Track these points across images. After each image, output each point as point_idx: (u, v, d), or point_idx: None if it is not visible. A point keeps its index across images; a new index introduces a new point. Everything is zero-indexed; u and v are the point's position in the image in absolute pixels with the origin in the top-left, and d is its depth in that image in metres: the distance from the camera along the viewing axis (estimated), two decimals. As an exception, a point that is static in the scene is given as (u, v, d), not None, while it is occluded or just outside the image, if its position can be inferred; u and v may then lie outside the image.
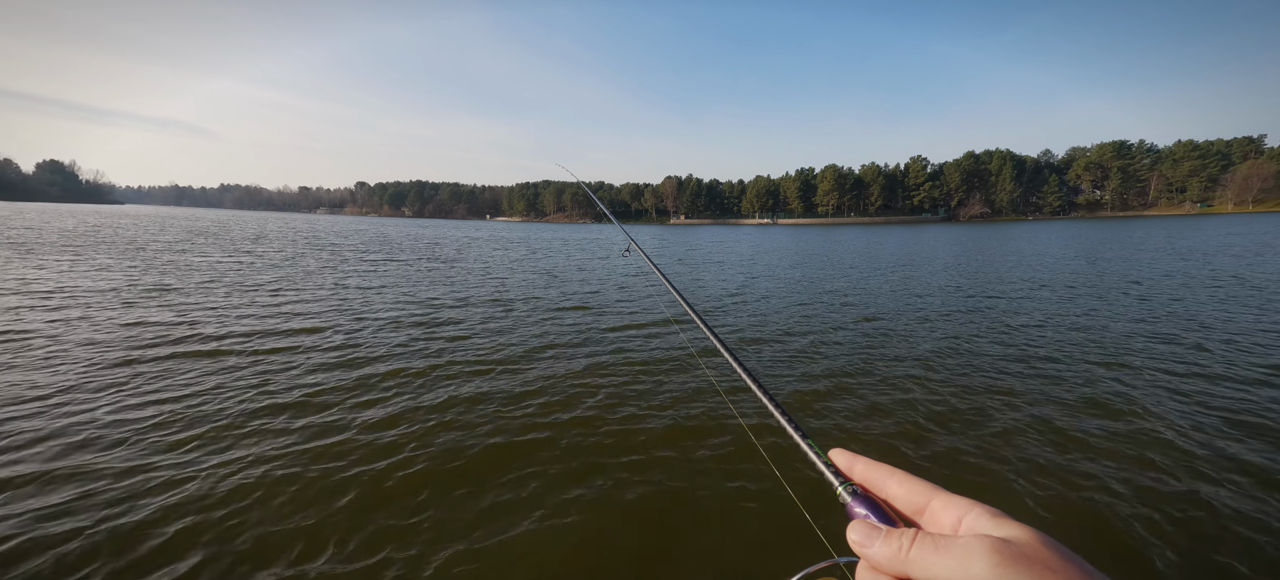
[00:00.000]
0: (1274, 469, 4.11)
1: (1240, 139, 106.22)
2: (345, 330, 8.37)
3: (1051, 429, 4.84)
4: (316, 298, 11.41)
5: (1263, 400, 5.53)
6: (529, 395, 5.59)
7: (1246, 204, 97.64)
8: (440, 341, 7.79)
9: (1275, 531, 3.38)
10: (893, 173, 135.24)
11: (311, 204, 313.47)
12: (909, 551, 0.45)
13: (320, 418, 4.93)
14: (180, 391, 5.44)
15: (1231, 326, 8.88)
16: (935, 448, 4.53)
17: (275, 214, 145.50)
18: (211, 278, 13.72)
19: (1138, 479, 4.06)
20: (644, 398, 5.53)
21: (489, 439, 4.55)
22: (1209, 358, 7.11)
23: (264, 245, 25.56)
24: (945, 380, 6.20)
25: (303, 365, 6.49)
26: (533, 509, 3.55)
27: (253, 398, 5.34)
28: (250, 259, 18.75)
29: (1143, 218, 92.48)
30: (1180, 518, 3.67)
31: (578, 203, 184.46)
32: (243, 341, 7.46)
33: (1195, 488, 3.95)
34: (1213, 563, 3.15)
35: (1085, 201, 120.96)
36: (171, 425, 4.68)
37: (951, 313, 10.65)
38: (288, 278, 14.09)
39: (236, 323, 8.63)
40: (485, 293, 12.82)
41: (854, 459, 0.58)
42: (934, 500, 0.50)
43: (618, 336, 8.32)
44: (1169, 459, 4.34)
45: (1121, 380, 6.22)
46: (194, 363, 6.41)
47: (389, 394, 5.57)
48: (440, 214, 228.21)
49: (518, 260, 22.49)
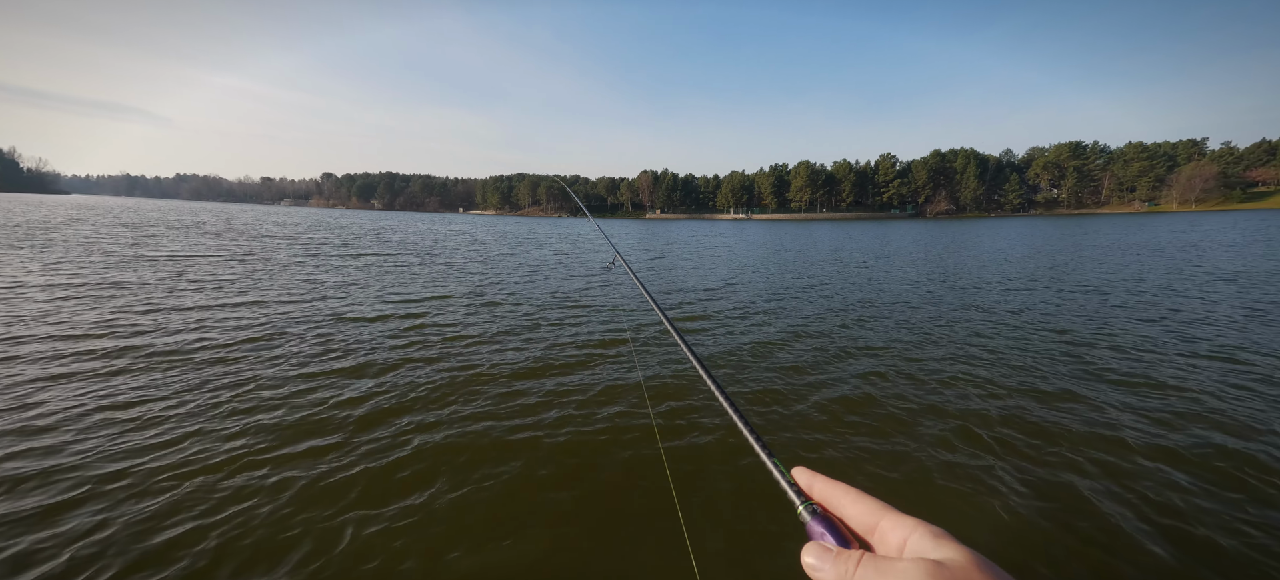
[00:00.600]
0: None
1: (1185, 142, 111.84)
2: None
3: (1028, 421, 4.84)
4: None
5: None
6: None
7: (1190, 203, 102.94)
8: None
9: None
10: (863, 169, 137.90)
11: (275, 195, 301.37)
12: (854, 574, 0.46)
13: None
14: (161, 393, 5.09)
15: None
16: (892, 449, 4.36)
17: (238, 206, 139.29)
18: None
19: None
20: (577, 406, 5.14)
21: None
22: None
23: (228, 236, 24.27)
24: (911, 377, 6.07)
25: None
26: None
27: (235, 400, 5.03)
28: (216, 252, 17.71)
29: (1096, 215, 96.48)
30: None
31: (553, 196, 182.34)
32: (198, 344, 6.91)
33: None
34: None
35: (1043, 200, 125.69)
36: (152, 424, 4.37)
37: (924, 307, 10.72)
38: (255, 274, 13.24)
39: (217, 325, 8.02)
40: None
41: (814, 478, 0.59)
42: (883, 519, 0.51)
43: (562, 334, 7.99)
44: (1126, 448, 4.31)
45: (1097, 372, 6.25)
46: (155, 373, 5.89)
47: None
48: (411, 207, 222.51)
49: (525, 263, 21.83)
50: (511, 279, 14.02)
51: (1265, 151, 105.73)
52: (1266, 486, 3.69)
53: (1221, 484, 3.73)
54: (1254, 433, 4.50)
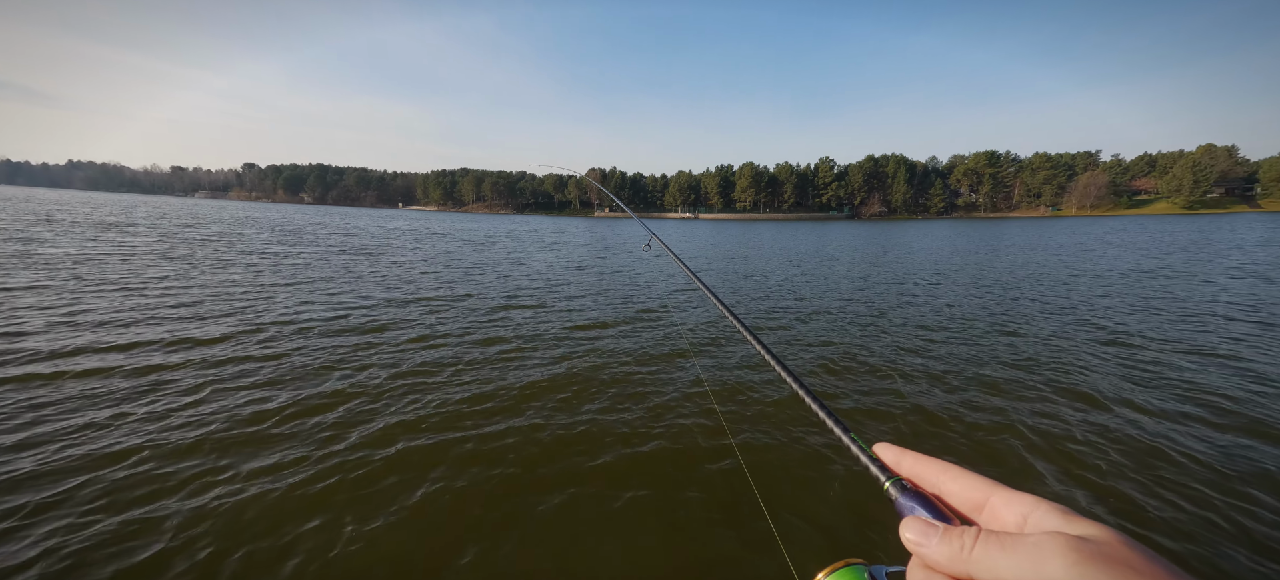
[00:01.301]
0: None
1: (1082, 153, 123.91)
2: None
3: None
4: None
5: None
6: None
7: (1086, 208, 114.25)
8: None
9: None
10: (804, 172, 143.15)
11: (188, 186, 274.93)
12: (972, 550, 0.42)
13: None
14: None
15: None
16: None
17: (144, 198, 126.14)
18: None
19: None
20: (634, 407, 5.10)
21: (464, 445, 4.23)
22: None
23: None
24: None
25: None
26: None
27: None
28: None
29: (1009, 218, 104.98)
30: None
31: (499, 192, 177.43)
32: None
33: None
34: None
35: (964, 204, 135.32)
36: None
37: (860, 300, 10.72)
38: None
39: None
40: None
41: (902, 454, 0.55)
42: (993, 496, 0.46)
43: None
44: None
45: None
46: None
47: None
48: (346, 201, 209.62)
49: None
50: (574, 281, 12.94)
51: (1146, 163, 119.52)
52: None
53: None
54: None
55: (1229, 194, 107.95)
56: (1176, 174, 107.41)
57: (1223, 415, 4.86)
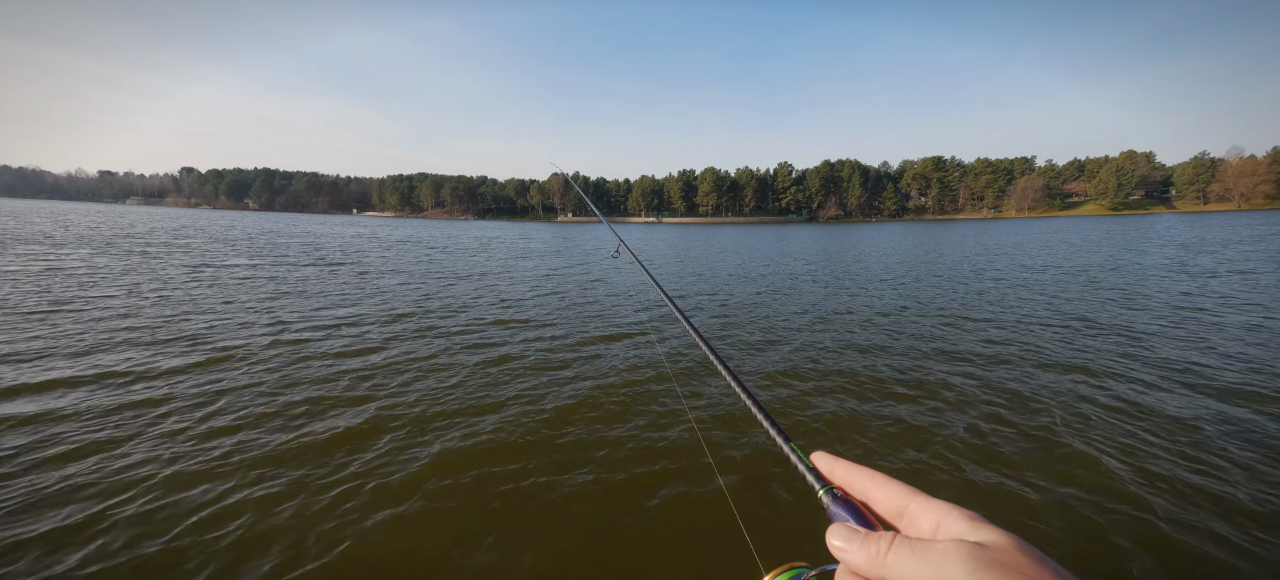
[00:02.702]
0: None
1: (1019, 159, 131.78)
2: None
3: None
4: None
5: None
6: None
7: (1024, 210, 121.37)
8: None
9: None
10: (764, 177, 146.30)
11: (118, 192, 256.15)
12: (887, 555, 0.45)
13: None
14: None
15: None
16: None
17: (68, 204, 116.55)
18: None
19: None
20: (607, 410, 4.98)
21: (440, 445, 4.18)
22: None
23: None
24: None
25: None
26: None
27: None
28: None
29: (955, 220, 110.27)
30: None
31: (459, 197, 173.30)
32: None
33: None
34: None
35: (914, 206, 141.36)
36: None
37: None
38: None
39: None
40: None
41: (835, 462, 0.58)
42: (912, 503, 0.50)
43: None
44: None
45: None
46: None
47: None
48: (295, 207, 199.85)
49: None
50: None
51: (1076, 168, 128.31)
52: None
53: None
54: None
55: (1148, 196, 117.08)
56: (1102, 178, 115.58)
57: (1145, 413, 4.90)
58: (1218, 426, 4.39)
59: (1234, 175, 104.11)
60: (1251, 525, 3.12)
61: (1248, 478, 3.60)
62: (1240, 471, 3.69)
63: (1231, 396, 5.04)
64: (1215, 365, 5.99)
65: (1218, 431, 4.29)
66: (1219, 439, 4.16)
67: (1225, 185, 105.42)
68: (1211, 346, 6.80)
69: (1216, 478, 3.62)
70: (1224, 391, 5.19)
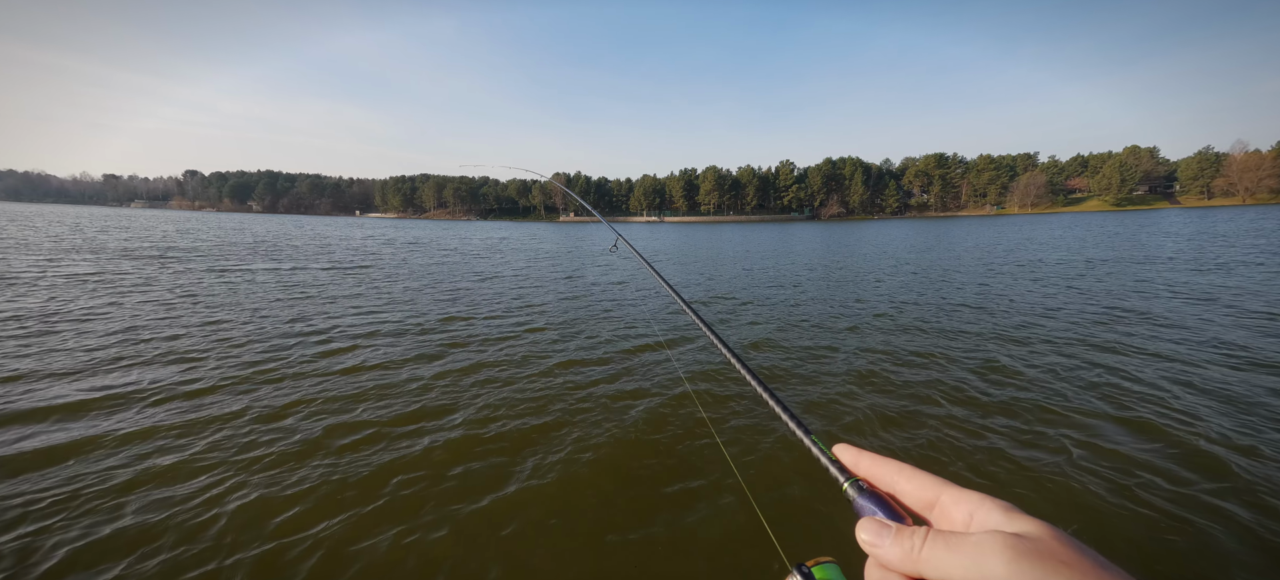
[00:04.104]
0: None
1: (1022, 155, 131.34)
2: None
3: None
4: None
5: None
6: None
7: (1027, 207, 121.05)
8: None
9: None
10: (765, 175, 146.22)
11: (123, 196, 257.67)
12: (921, 550, 0.44)
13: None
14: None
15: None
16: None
17: (75, 208, 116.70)
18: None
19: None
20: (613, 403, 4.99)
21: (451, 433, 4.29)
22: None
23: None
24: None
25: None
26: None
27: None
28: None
29: (958, 217, 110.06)
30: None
31: (461, 198, 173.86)
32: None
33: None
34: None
35: (916, 204, 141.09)
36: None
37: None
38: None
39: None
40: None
41: (859, 455, 0.57)
42: (943, 495, 0.48)
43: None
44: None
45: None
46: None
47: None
48: (299, 209, 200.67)
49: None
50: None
51: (1079, 164, 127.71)
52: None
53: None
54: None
55: (1152, 191, 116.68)
56: (1105, 173, 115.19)
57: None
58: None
59: (1239, 169, 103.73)
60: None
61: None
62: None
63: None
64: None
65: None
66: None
67: (1230, 180, 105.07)
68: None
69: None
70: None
